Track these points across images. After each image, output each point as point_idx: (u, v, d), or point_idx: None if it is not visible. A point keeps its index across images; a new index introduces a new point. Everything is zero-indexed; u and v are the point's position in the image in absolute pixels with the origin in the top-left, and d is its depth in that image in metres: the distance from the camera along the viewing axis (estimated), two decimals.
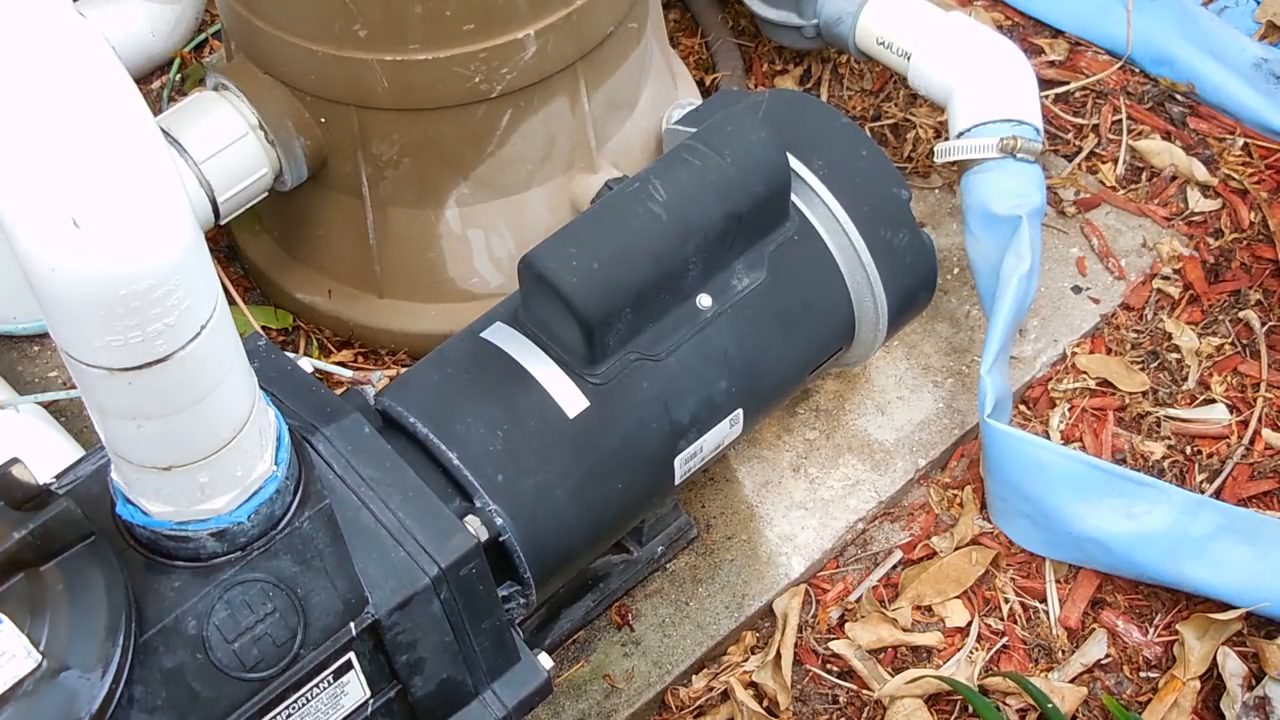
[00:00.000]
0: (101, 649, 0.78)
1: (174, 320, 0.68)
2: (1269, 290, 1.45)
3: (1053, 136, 1.57)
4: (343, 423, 0.96)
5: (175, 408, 0.73)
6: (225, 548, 0.84)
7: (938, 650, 1.24)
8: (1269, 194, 1.51)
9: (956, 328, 1.42)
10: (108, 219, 0.63)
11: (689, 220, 1.07)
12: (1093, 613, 1.26)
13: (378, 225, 1.32)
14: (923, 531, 1.31)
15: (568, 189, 1.33)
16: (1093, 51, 1.65)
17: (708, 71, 1.62)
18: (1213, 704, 1.19)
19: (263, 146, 1.26)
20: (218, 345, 0.72)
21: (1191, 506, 1.23)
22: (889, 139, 1.57)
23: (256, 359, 0.97)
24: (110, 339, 0.67)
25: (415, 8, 1.15)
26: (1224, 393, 1.38)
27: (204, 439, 0.76)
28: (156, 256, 0.65)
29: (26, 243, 0.64)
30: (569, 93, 1.28)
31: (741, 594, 1.26)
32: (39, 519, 0.77)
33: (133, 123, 0.65)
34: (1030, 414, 1.37)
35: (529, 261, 1.04)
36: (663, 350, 1.07)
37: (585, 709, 1.20)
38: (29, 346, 1.42)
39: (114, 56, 0.65)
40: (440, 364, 1.09)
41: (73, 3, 0.65)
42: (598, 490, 1.06)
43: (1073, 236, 1.49)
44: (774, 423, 1.35)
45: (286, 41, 1.21)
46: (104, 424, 0.76)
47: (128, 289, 0.65)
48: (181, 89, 1.63)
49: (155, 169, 0.65)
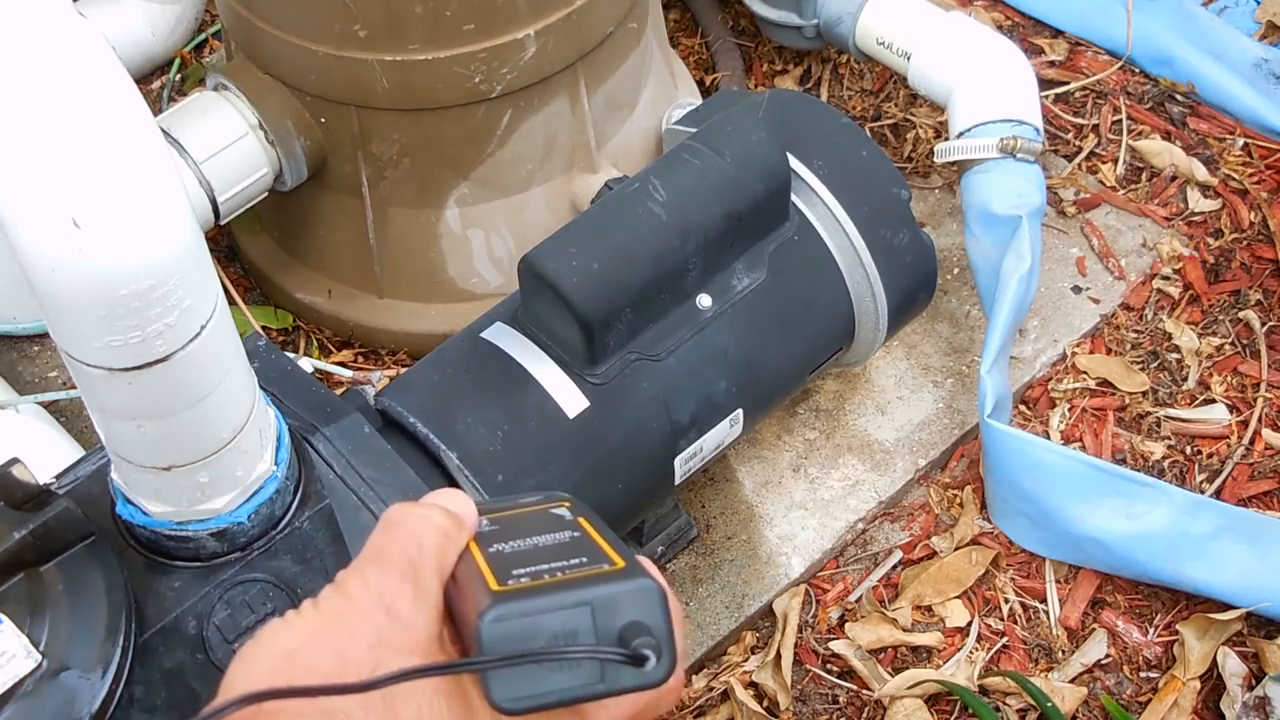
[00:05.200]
0: (101, 649, 0.78)
1: (174, 320, 0.68)
2: (1269, 290, 1.45)
3: (1053, 136, 1.57)
4: (343, 423, 0.96)
5: (175, 408, 0.73)
6: (225, 548, 0.84)
7: (938, 650, 1.24)
8: (1269, 194, 1.51)
9: (956, 328, 1.42)
10: (108, 219, 0.63)
11: (689, 220, 1.07)
12: (1093, 613, 1.26)
13: (378, 225, 1.32)
14: (923, 531, 1.31)
15: (568, 189, 1.33)
16: (1093, 51, 1.65)
17: (708, 71, 1.62)
18: (1213, 704, 1.19)
19: (263, 146, 1.26)
20: (218, 345, 0.72)
21: (1191, 506, 1.23)
22: (889, 139, 1.57)
23: (256, 359, 0.97)
24: (110, 339, 0.67)
25: (415, 8, 1.15)
26: (1224, 393, 1.38)
27: (204, 439, 0.76)
28: (157, 256, 0.65)
29: (27, 242, 0.64)
30: (569, 93, 1.28)
31: (741, 594, 1.26)
32: (39, 519, 0.77)
33: (133, 123, 0.65)
34: (1030, 414, 1.37)
35: (529, 261, 1.04)
36: (663, 350, 1.07)
37: None
38: (29, 346, 1.42)
39: (114, 56, 0.65)
40: (440, 364, 1.09)
41: (73, 3, 0.65)
42: (598, 490, 1.06)
43: (1073, 236, 1.49)
44: (774, 423, 1.35)
45: (286, 41, 1.21)
46: (104, 424, 0.76)
47: (128, 289, 0.65)
48: (181, 89, 1.63)
49: (155, 169, 0.65)
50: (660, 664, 0.51)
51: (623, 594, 0.52)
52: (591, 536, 0.57)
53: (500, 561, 0.55)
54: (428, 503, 0.58)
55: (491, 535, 0.57)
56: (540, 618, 0.51)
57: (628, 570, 0.53)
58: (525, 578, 0.53)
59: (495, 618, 0.51)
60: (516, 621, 0.51)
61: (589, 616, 0.51)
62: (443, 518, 0.57)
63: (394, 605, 0.54)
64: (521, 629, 0.51)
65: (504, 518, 0.60)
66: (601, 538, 0.57)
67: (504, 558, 0.55)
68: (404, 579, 0.54)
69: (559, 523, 0.59)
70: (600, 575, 0.53)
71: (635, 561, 0.54)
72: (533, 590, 0.52)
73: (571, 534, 0.57)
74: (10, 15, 0.62)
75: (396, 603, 0.54)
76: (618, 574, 0.53)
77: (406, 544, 0.55)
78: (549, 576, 0.53)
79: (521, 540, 0.57)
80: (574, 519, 0.59)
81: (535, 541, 0.57)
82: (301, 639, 0.54)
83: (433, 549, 0.56)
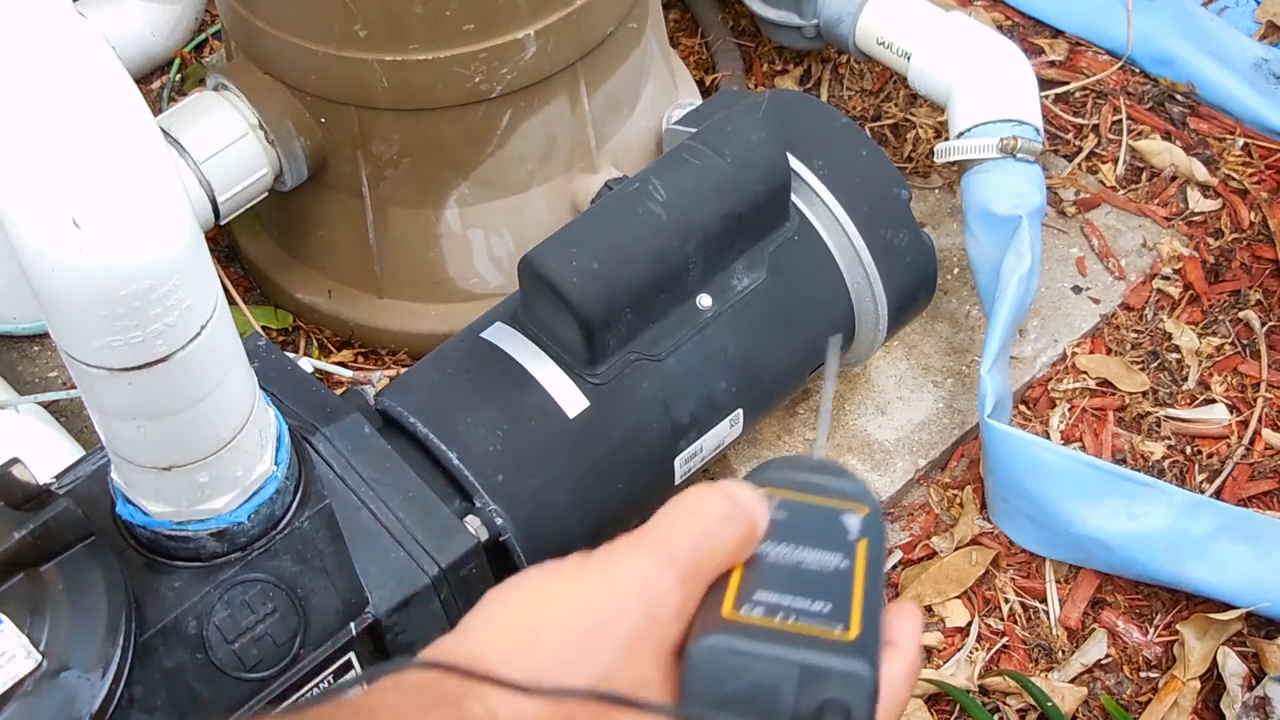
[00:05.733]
0: (101, 649, 0.78)
1: (174, 320, 0.68)
2: (1269, 290, 1.45)
3: (1053, 136, 1.57)
4: (343, 423, 0.96)
5: (175, 408, 0.73)
6: (225, 548, 0.84)
7: (938, 650, 1.24)
8: (1269, 194, 1.51)
9: (956, 328, 1.42)
10: (108, 219, 0.63)
11: (689, 220, 1.07)
12: (1093, 613, 1.26)
13: (378, 225, 1.32)
14: (923, 531, 1.31)
15: (568, 189, 1.33)
16: (1093, 51, 1.65)
17: (708, 71, 1.62)
18: (1213, 704, 1.19)
19: (263, 146, 1.26)
20: (218, 345, 0.72)
21: (1191, 506, 1.23)
22: (889, 139, 1.57)
23: (256, 359, 0.97)
24: (110, 339, 0.67)
25: (415, 8, 1.15)
26: (1224, 393, 1.38)
27: (204, 439, 0.76)
28: (157, 256, 0.65)
29: (27, 242, 0.64)
30: (569, 93, 1.28)
31: None
32: (39, 519, 0.77)
33: (133, 123, 0.65)
34: (1030, 414, 1.37)
35: (529, 261, 1.04)
36: (663, 350, 1.07)
37: None
38: (29, 346, 1.42)
39: (114, 56, 0.65)
40: (440, 364, 1.09)
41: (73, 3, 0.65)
42: (598, 490, 1.06)
43: (1073, 236, 1.49)
44: (774, 423, 1.35)
45: (286, 41, 1.21)
46: (104, 424, 0.76)
47: (128, 289, 0.65)
48: (181, 89, 1.63)
49: (155, 169, 0.65)
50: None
51: (836, 672, 0.50)
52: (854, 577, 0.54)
53: (754, 573, 0.53)
54: (740, 500, 0.53)
55: (772, 527, 0.54)
56: (752, 663, 0.49)
57: (856, 646, 0.51)
58: (761, 609, 0.51)
59: (708, 647, 0.49)
60: (727, 659, 0.49)
61: (796, 679, 0.49)
62: (746, 526, 0.53)
63: (659, 609, 0.50)
64: (729, 668, 0.49)
65: (796, 503, 0.57)
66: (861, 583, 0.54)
67: (761, 568, 0.53)
68: (678, 583, 0.50)
69: (837, 540, 0.55)
70: (826, 639, 0.51)
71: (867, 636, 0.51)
72: (759, 631, 0.50)
73: (839, 564, 0.54)
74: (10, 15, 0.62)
75: (662, 607, 0.50)
76: (842, 646, 0.50)
77: (698, 543, 0.51)
78: (781, 619, 0.51)
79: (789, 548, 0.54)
80: (854, 541, 0.55)
81: (800, 559, 0.54)
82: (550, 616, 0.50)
83: (723, 556, 0.52)
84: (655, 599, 0.50)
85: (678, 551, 0.51)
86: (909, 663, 0.54)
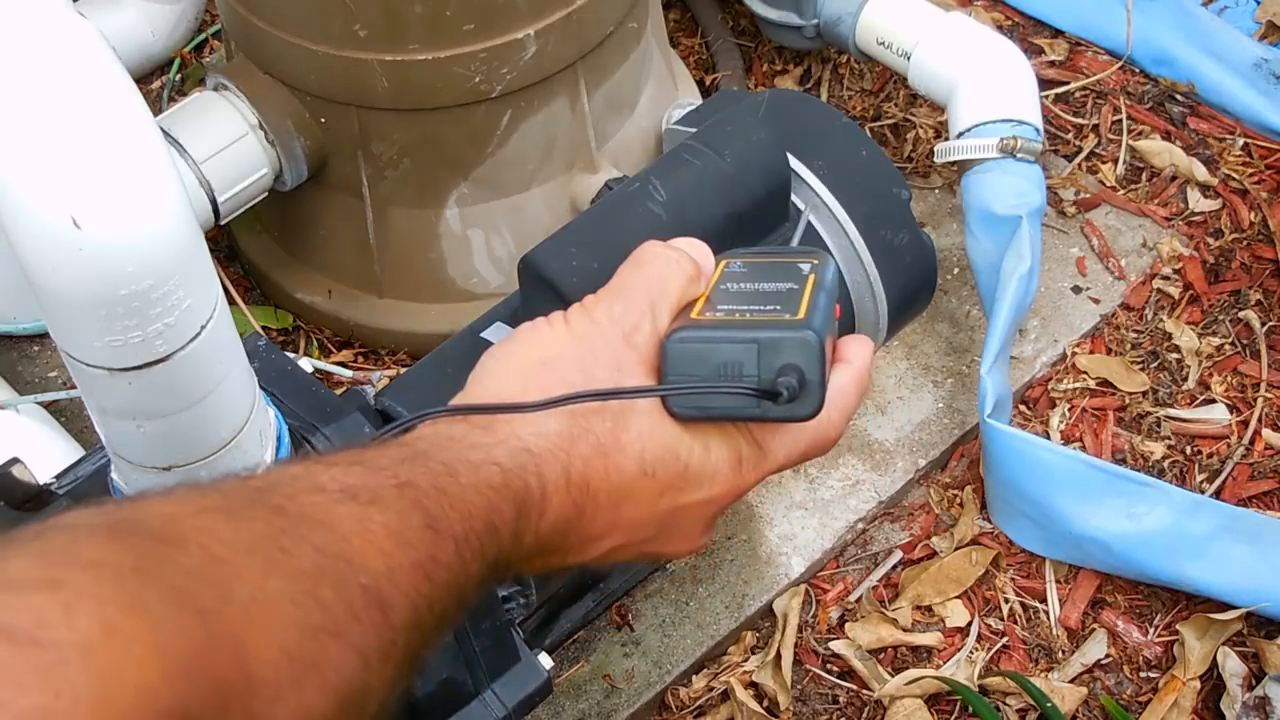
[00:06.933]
0: None
1: (174, 320, 0.68)
2: (1269, 290, 1.45)
3: (1053, 136, 1.57)
4: (343, 423, 0.96)
5: (175, 408, 0.73)
6: None
7: (938, 650, 1.24)
8: (1269, 194, 1.51)
9: (956, 328, 1.42)
10: (108, 219, 0.63)
11: (689, 220, 1.06)
12: (1093, 613, 1.26)
13: (378, 225, 1.32)
14: (923, 531, 1.31)
15: (568, 189, 1.33)
16: (1093, 51, 1.65)
17: (708, 71, 1.62)
18: (1213, 704, 1.19)
19: (263, 146, 1.26)
20: (218, 345, 0.72)
21: (1191, 506, 1.23)
22: (889, 139, 1.57)
23: (256, 359, 0.97)
24: (110, 339, 0.67)
25: (415, 8, 1.15)
26: (1224, 393, 1.38)
27: (204, 439, 0.76)
28: (157, 256, 0.65)
29: (27, 243, 0.64)
30: (569, 93, 1.28)
31: (741, 594, 1.26)
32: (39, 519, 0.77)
33: (132, 123, 0.65)
34: (1030, 414, 1.37)
35: (529, 261, 1.04)
36: None
37: (585, 709, 1.20)
38: (29, 346, 1.42)
39: (113, 56, 0.65)
40: (440, 364, 1.08)
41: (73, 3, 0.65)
42: None
43: (1073, 236, 1.49)
44: None
45: (286, 41, 1.21)
46: (104, 424, 0.76)
47: (128, 289, 0.65)
48: (181, 89, 1.63)
49: (155, 169, 0.65)
50: (804, 402, 0.60)
51: (786, 340, 0.60)
52: (803, 291, 0.65)
53: (718, 297, 0.65)
54: (677, 248, 0.66)
55: (735, 275, 0.68)
56: (715, 346, 0.61)
57: (801, 323, 0.61)
58: (721, 313, 0.63)
59: (678, 339, 0.61)
60: (694, 345, 0.61)
61: (755, 354, 0.60)
62: (690, 265, 0.65)
63: (633, 336, 0.62)
64: (696, 352, 0.61)
65: (757, 263, 0.69)
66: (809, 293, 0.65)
67: (725, 294, 0.65)
68: (643, 315, 0.63)
69: (790, 275, 0.67)
70: (778, 322, 0.62)
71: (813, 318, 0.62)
72: (719, 324, 0.62)
73: (791, 285, 0.66)
74: (10, 15, 0.62)
75: (635, 334, 0.62)
76: (791, 324, 0.61)
77: (651, 282, 0.64)
78: (739, 315, 0.63)
79: (751, 283, 0.66)
80: (806, 274, 0.67)
81: (759, 286, 0.66)
82: (554, 351, 0.62)
83: (674, 290, 0.64)
84: (630, 326, 0.63)
85: (635, 290, 0.64)
86: (857, 372, 0.67)
